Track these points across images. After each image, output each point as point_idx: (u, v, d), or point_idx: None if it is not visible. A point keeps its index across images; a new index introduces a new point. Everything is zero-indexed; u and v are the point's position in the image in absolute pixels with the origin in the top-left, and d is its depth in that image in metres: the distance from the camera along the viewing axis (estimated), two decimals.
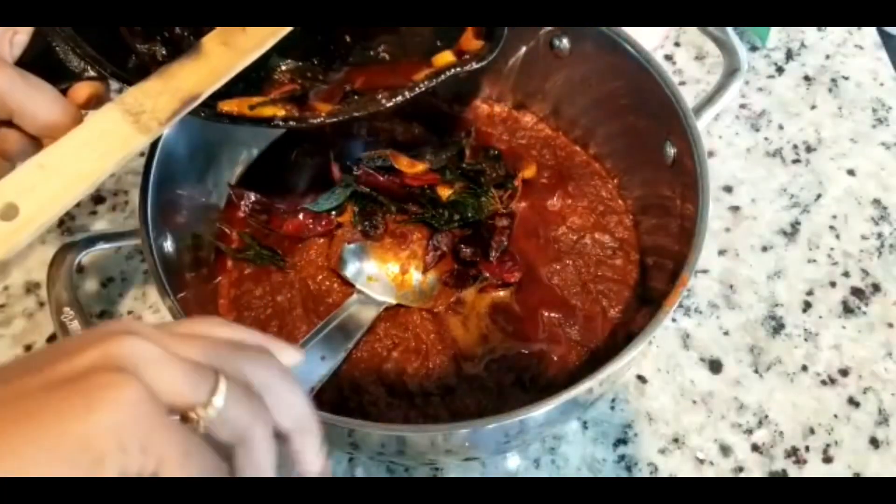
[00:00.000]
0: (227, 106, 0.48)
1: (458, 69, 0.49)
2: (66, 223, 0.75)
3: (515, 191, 0.67)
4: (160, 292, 0.52)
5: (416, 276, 0.63)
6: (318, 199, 0.65)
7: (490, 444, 0.54)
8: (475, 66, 0.49)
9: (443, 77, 0.49)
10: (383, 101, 0.49)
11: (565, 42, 0.66)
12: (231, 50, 0.46)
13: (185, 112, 0.44)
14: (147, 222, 0.55)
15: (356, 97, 0.51)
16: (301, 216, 0.65)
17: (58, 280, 0.53)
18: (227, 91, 0.47)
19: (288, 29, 0.47)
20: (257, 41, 0.46)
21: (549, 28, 0.66)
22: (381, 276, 0.62)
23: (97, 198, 0.76)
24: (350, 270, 0.62)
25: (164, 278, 0.53)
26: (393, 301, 0.61)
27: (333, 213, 0.65)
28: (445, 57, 0.50)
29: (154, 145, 0.58)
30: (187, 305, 0.54)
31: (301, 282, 0.63)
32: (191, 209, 0.64)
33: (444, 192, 0.64)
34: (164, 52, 0.50)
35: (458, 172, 0.65)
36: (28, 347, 0.67)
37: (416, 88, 0.49)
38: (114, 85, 0.48)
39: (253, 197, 0.67)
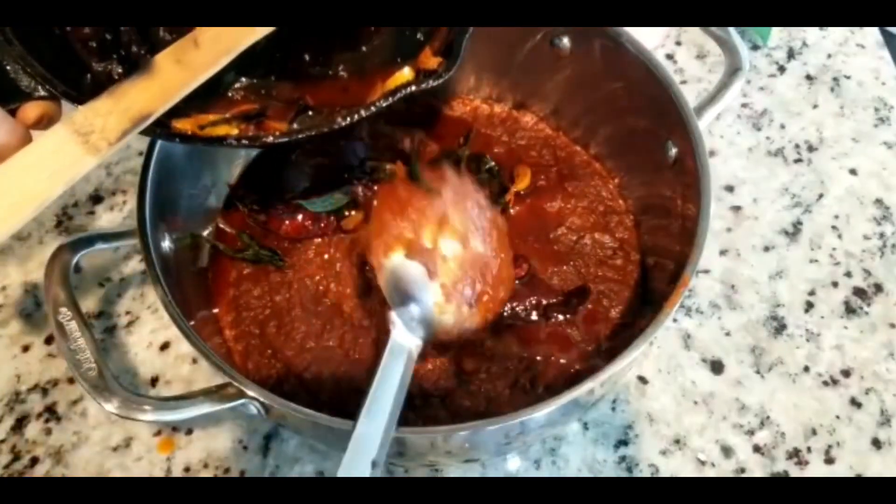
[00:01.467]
0: (181, 124, 0.47)
1: (414, 88, 0.48)
2: (63, 223, 0.75)
3: (507, 207, 0.67)
4: (158, 293, 0.52)
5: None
6: (316, 200, 0.65)
7: (490, 446, 0.54)
8: (432, 84, 0.48)
9: (399, 95, 0.48)
10: (339, 119, 0.48)
11: (566, 41, 0.66)
12: (184, 68, 0.44)
13: (136, 131, 0.43)
14: (145, 222, 0.55)
15: (311, 114, 0.50)
16: (300, 217, 0.65)
17: (55, 280, 0.53)
18: (183, 109, 0.46)
19: (243, 46, 0.46)
20: (211, 59, 0.45)
21: (550, 27, 0.65)
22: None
23: (95, 197, 0.76)
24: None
25: (162, 278, 0.52)
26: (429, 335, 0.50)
27: (332, 215, 0.65)
28: (403, 75, 0.50)
29: (152, 145, 0.58)
30: (185, 306, 0.53)
31: (300, 282, 0.63)
32: (189, 209, 0.64)
33: None
34: (119, 71, 0.48)
35: None
36: (26, 348, 0.67)
37: (373, 107, 0.48)
38: (70, 105, 0.46)
39: (252, 197, 0.66)
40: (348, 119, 0.48)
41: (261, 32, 0.46)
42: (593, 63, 0.65)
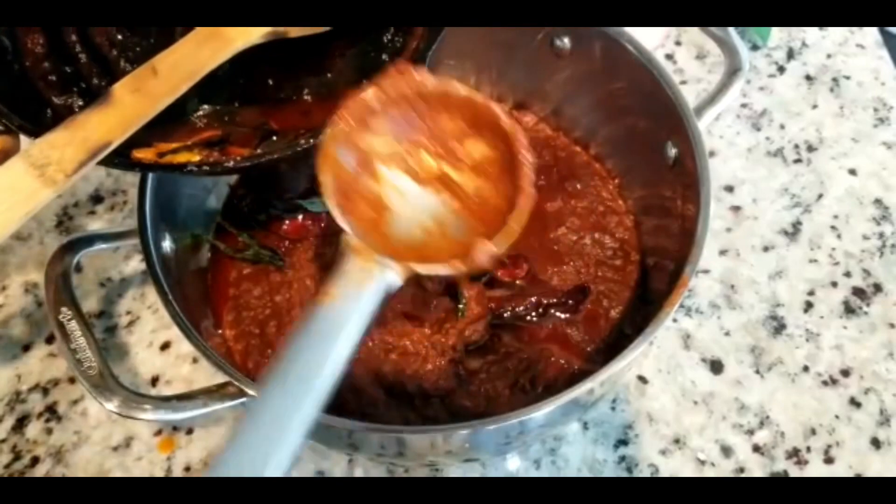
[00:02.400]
0: (141, 153, 0.46)
1: None
2: (64, 223, 0.75)
3: None
4: (159, 292, 0.52)
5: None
6: (316, 200, 0.65)
7: (490, 446, 0.54)
8: None
9: None
10: (301, 141, 0.48)
11: (566, 41, 0.66)
12: (142, 97, 0.44)
13: (93, 163, 0.43)
14: (146, 222, 0.55)
15: (275, 139, 0.50)
16: (300, 217, 0.65)
17: (56, 280, 0.53)
18: (145, 137, 0.46)
19: (202, 73, 0.46)
20: (170, 87, 0.45)
21: (550, 27, 0.65)
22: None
23: (96, 197, 0.76)
24: None
25: (163, 278, 0.53)
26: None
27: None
28: None
29: None
30: (186, 306, 0.54)
31: (299, 282, 0.63)
32: (190, 209, 0.64)
33: None
34: (80, 104, 0.48)
35: None
36: (26, 347, 0.67)
37: None
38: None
39: (252, 197, 0.66)
40: (311, 141, 0.47)
41: (219, 59, 0.46)
42: (593, 63, 0.65)
